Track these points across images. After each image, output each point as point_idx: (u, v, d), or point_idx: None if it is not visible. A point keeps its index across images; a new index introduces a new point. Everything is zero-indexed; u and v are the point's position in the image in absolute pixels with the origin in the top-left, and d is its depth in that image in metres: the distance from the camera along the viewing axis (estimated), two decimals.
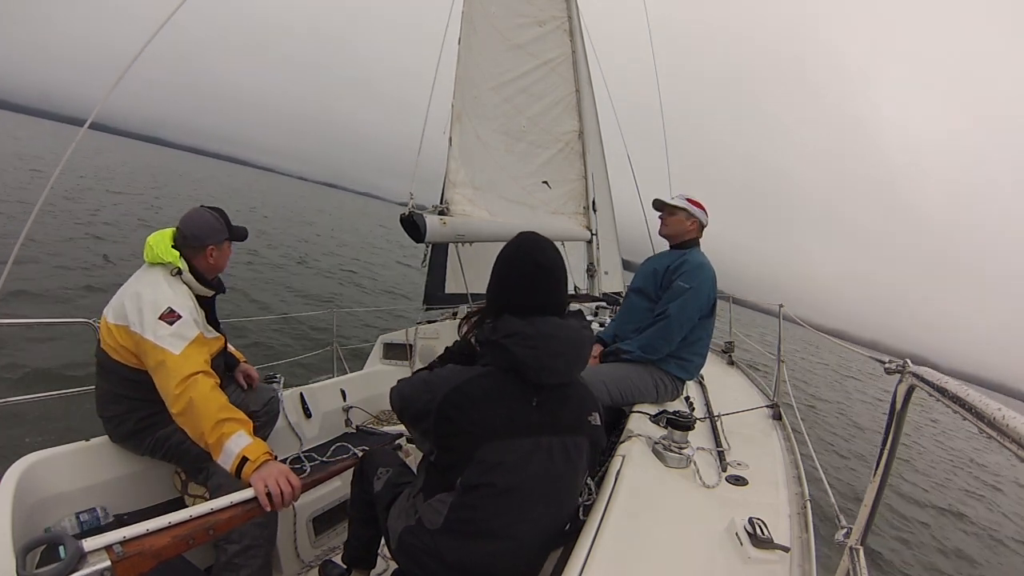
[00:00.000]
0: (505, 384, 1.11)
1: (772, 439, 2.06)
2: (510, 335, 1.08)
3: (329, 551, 2.14)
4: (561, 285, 1.19)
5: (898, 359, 0.88)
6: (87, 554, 0.90)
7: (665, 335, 2.08)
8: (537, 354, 1.08)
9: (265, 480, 1.27)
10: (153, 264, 1.67)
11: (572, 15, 3.81)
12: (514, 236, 1.24)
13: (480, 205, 2.89)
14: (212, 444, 1.40)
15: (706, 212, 2.25)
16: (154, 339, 1.50)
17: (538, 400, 1.11)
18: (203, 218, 1.76)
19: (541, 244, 1.20)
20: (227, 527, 1.18)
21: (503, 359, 1.10)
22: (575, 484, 1.20)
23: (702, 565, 1.15)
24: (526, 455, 1.08)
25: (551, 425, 1.12)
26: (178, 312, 1.56)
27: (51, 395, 2.02)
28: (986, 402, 0.60)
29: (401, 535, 1.17)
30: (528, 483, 1.09)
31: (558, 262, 1.19)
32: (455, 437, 1.08)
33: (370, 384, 3.02)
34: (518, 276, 1.17)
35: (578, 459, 1.17)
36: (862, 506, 0.91)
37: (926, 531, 6.14)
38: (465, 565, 1.08)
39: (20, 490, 1.37)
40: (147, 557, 0.98)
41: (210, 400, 1.44)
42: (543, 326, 1.10)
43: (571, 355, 1.13)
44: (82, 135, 1.71)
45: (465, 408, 1.07)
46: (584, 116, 3.84)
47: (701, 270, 2.12)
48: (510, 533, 1.10)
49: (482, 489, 1.07)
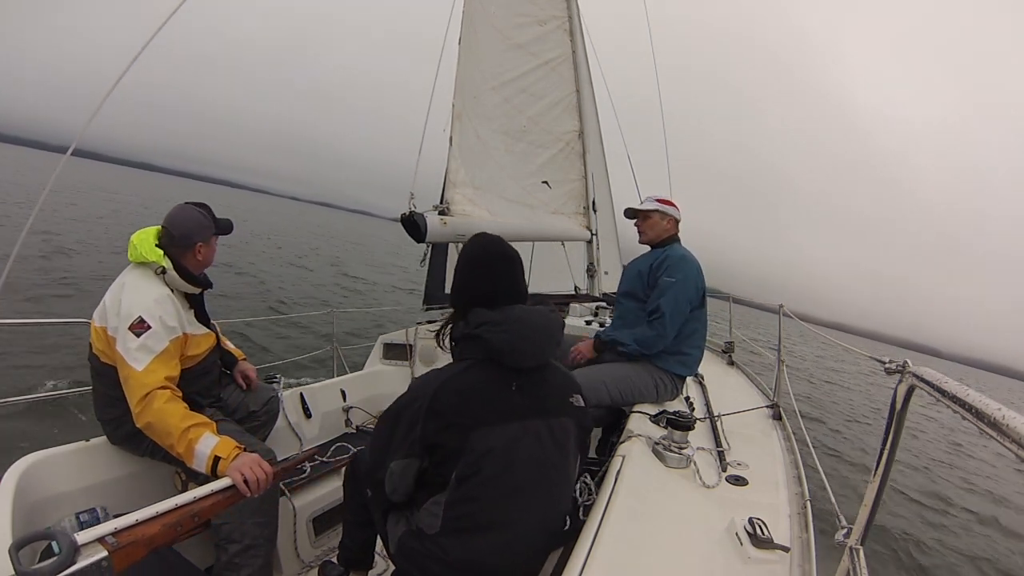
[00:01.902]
0: (485, 373, 1.15)
1: (772, 439, 2.06)
2: (482, 324, 1.13)
3: (329, 551, 2.14)
4: (521, 275, 1.26)
5: (898, 359, 0.88)
6: (81, 546, 0.91)
7: (660, 330, 2.08)
8: (510, 338, 1.12)
9: (240, 470, 1.33)
10: (137, 264, 1.66)
11: (572, 15, 3.81)
12: (469, 238, 1.32)
13: (480, 205, 2.89)
14: (183, 452, 1.45)
15: (677, 208, 2.29)
16: (123, 352, 1.52)
17: (517, 384, 1.15)
18: (190, 215, 1.74)
19: (497, 238, 1.29)
20: (211, 512, 1.24)
21: (480, 349, 1.15)
22: (566, 467, 1.22)
23: (702, 565, 1.15)
24: (514, 440, 1.11)
25: (535, 408, 1.16)
26: (148, 322, 1.55)
27: (51, 395, 2.02)
28: (986, 402, 0.60)
29: (401, 539, 1.17)
30: (519, 467, 1.11)
31: (515, 253, 1.27)
32: (445, 432, 1.09)
33: (370, 384, 3.02)
34: (482, 267, 1.24)
35: (565, 441, 1.20)
36: (862, 506, 0.91)
37: (926, 530, 6.14)
38: (468, 562, 1.09)
39: (20, 490, 1.37)
40: (140, 545, 1.01)
41: (169, 414, 1.47)
42: (511, 311, 1.15)
43: (542, 337, 1.17)
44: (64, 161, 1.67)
45: (452, 402, 1.10)
46: (584, 116, 3.84)
47: (684, 262, 2.15)
48: (507, 521, 1.11)
49: (475, 478, 1.08)
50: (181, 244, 1.70)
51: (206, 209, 1.81)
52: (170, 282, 1.68)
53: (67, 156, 1.66)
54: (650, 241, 2.32)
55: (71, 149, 1.66)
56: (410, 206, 2.42)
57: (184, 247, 1.71)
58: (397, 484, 1.16)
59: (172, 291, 1.68)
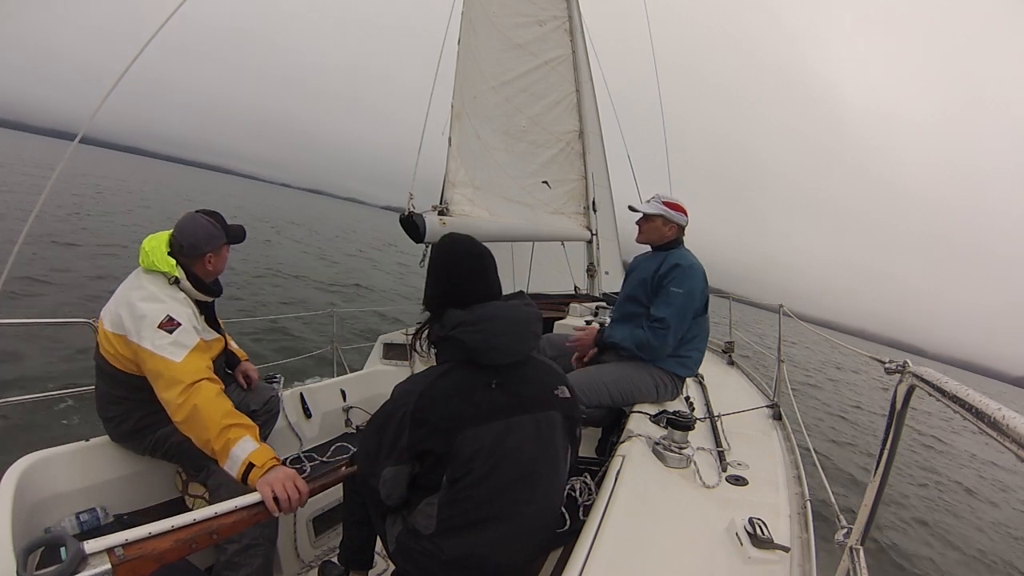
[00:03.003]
0: (465, 375, 1.14)
1: (772, 439, 2.06)
2: (456, 326, 1.13)
3: (329, 551, 2.14)
4: (493, 271, 1.25)
5: (898, 359, 0.88)
6: (88, 556, 0.89)
7: (663, 340, 2.05)
8: (484, 336, 1.12)
9: (272, 485, 1.26)
10: (149, 270, 1.65)
11: (572, 15, 3.82)
12: (437, 241, 1.31)
13: (480, 205, 2.89)
14: (218, 451, 1.40)
15: (685, 213, 2.19)
16: (153, 348, 1.49)
17: (497, 382, 1.14)
18: (200, 226, 1.72)
19: (465, 237, 1.28)
20: (231, 531, 1.16)
21: (456, 351, 1.15)
22: (557, 459, 1.21)
23: (702, 565, 1.15)
24: (500, 437, 1.11)
25: (518, 405, 1.16)
26: (177, 320, 1.55)
27: (51, 395, 2.02)
28: (986, 402, 0.59)
29: (398, 538, 1.18)
30: (508, 463, 1.11)
31: (485, 250, 1.26)
32: (431, 439, 1.09)
33: (370, 384, 3.02)
34: (453, 267, 1.22)
35: (552, 433, 1.20)
36: (862, 506, 0.91)
37: (926, 531, 6.14)
38: (465, 558, 1.10)
39: (20, 490, 1.37)
40: (148, 560, 0.97)
41: (214, 407, 1.44)
42: (483, 310, 1.14)
43: (516, 332, 1.17)
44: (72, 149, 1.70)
45: (435, 408, 1.10)
46: (584, 116, 3.85)
47: (692, 271, 2.09)
48: (502, 516, 1.12)
49: (466, 479, 1.09)
50: (190, 254, 1.70)
51: (216, 218, 1.78)
52: (184, 291, 1.68)
53: (74, 144, 1.68)
54: (647, 243, 2.27)
55: (78, 138, 1.67)
56: (409, 206, 2.42)
57: (193, 257, 1.71)
58: (391, 489, 1.16)
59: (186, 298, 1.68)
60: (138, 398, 1.61)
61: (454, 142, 2.81)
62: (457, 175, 2.83)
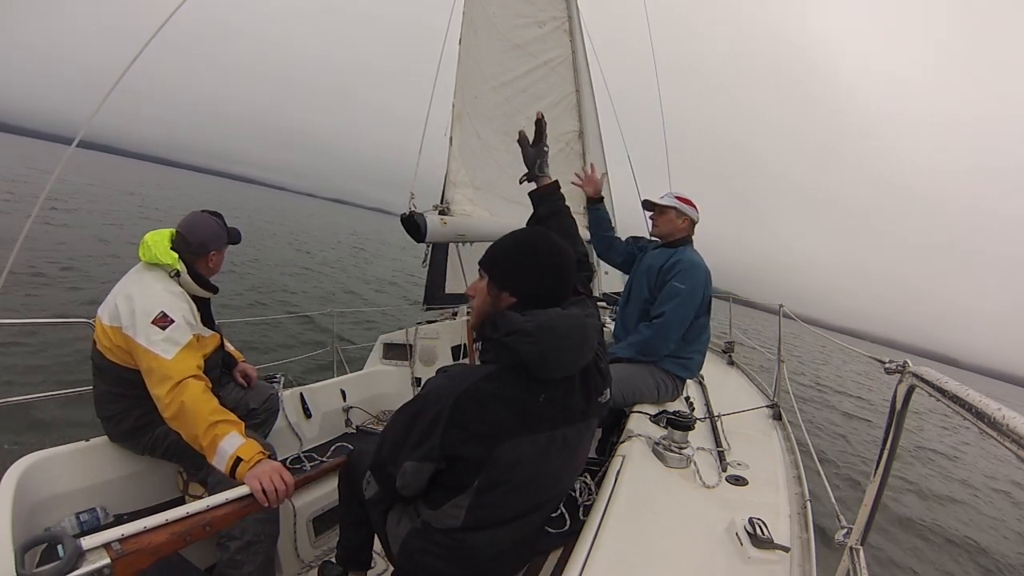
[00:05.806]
0: (511, 381, 1.07)
1: (772, 439, 2.06)
2: (511, 332, 1.04)
3: (329, 551, 2.14)
4: (570, 275, 1.16)
5: (898, 359, 0.88)
6: (86, 552, 0.90)
7: (662, 337, 2.09)
8: (540, 350, 1.03)
9: (259, 477, 1.30)
10: (150, 264, 1.67)
11: (572, 15, 3.81)
12: (522, 231, 1.21)
13: (481, 205, 2.89)
14: (206, 447, 1.43)
15: (696, 209, 2.28)
16: (146, 344, 1.51)
17: (545, 396, 1.08)
18: (207, 224, 1.77)
19: (555, 238, 1.18)
20: (223, 523, 1.19)
21: (507, 357, 1.07)
22: (579, 463, 1.24)
23: (702, 565, 1.15)
24: (543, 449, 1.07)
25: (564, 418, 1.11)
26: (171, 316, 1.56)
27: (51, 395, 2.02)
28: (986, 402, 0.59)
29: (406, 539, 1.16)
30: (547, 474, 1.12)
31: (565, 248, 1.17)
32: (466, 444, 1.03)
33: (370, 384, 3.01)
34: (540, 268, 1.12)
35: (590, 438, 1.23)
36: (862, 506, 0.91)
37: (926, 530, 6.14)
38: (483, 549, 1.11)
39: (20, 490, 1.37)
40: (146, 554, 0.99)
41: (201, 403, 1.46)
42: (543, 318, 1.05)
43: (573, 347, 1.08)
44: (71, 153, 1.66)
45: (476, 412, 1.03)
46: (584, 116, 3.84)
47: (695, 270, 2.14)
48: (529, 511, 1.14)
49: (501, 487, 1.06)
50: (196, 251, 1.73)
51: (220, 218, 1.84)
52: (183, 285, 1.69)
53: (72, 149, 1.66)
54: (662, 235, 2.33)
55: (76, 141, 1.66)
56: (410, 206, 2.42)
57: (198, 254, 1.74)
58: (409, 482, 1.11)
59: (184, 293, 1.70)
60: (136, 395, 1.61)
61: (455, 142, 2.82)
62: (458, 175, 2.83)
